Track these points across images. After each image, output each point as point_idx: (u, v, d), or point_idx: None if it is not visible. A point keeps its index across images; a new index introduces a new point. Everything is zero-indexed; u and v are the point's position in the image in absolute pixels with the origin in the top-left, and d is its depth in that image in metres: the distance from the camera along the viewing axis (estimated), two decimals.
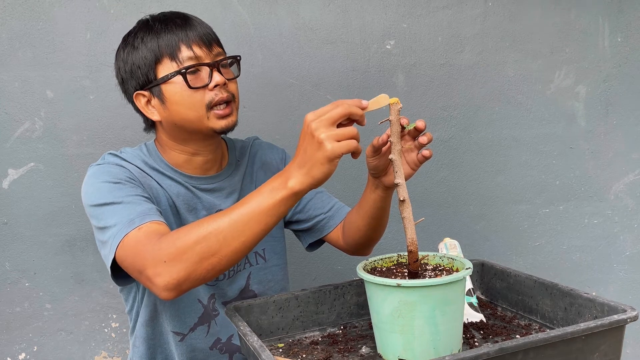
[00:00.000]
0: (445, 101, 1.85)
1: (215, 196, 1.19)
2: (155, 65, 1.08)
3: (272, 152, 1.33)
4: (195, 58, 1.07)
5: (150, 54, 1.07)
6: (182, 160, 1.16)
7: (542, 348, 0.83)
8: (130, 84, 1.12)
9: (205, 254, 0.88)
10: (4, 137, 1.52)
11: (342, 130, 0.86)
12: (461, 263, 0.95)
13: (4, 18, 1.49)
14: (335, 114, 0.86)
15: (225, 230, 0.88)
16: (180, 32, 1.07)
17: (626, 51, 1.99)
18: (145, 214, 0.98)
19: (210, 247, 0.88)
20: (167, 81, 1.07)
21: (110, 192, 1.02)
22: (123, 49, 1.12)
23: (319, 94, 1.75)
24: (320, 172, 0.86)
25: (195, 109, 1.07)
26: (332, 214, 1.31)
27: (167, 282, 0.89)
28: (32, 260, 1.56)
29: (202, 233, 0.88)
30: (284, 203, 0.88)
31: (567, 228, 2.01)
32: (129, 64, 1.10)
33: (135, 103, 1.12)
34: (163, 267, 0.88)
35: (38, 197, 1.55)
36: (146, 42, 1.08)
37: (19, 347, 1.58)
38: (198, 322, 1.20)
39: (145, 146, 1.19)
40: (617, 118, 2.01)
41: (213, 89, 1.07)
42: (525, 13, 1.89)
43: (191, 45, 1.07)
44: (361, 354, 0.98)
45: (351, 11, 1.75)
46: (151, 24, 1.10)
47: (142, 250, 0.92)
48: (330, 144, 0.85)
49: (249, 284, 1.25)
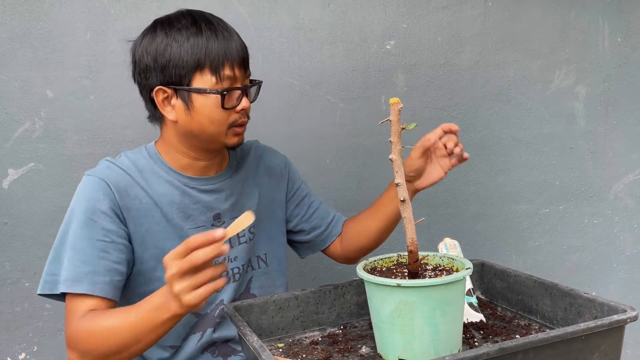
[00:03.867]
0: (445, 101, 1.85)
1: (214, 198, 1.19)
2: (194, 72, 1.06)
3: (277, 158, 1.34)
4: (233, 78, 1.08)
5: (193, 59, 1.05)
6: (184, 162, 1.16)
7: (542, 348, 0.83)
8: (155, 76, 1.08)
9: (108, 352, 0.98)
10: (4, 137, 1.52)
11: (196, 280, 0.85)
12: (461, 263, 0.95)
13: (4, 18, 1.49)
14: (184, 267, 0.84)
15: (126, 338, 0.96)
16: (226, 47, 1.06)
17: (626, 51, 1.99)
18: (92, 281, 1.03)
19: (112, 348, 0.97)
20: (203, 93, 1.07)
21: (80, 228, 1.06)
22: (161, 37, 1.07)
23: (319, 94, 1.75)
24: (190, 309, 0.88)
25: (218, 125, 1.09)
26: (334, 223, 1.38)
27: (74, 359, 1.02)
28: (32, 260, 1.56)
29: (110, 339, 0.97)
30: (173, 320, 0.93)
31: (567, 228, 2.01)
32: (165, 57, 1.06)
33: (154, 96, 1.09)
34: (72, 350, 1.01)
35: (38, 197, 1.55)
36: (192, 44, 1.05)
37: (19, 347, 1.58)
38: (191, 332, 1.19)
39: (146, 149, 1.18)
40: (617, 118, 2.01)
41: (239, 112, 1.11)
42: (525, 13, 1.89)
43: (234, 65, 1.07)
44: (361, 354, 0.98)
45: (351, 11, 1.75)
46: (200, 25, 1.07)
47: (68, 319, 1.03)
48: (185, 296, 0.85)
49: (249, 288, 1.25)
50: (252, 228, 1.24)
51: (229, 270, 1.21)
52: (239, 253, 1.22)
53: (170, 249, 1.13)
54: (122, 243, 1.09)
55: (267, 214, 1.28)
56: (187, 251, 0.84)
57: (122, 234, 1.09)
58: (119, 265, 1.08)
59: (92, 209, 1.07)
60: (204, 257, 0.83)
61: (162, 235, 1.13)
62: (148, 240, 1.12)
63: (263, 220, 1.28)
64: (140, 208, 1.12)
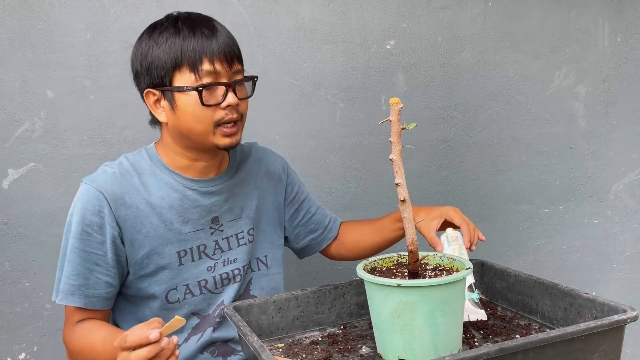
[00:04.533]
0: (445, 101, 1.85)
1: (213, 201, 1.19)
2: (174, 71, 1.07)
3: (276, 161, 1.34)
4: (214, 73, 1.06)
5: (170, 58, 1.06)
6: (183, 164, 1.16)
7: (542, 348, 0.83)
8: (144, 80, 1.11)
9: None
10: (4, 137, 1.52)
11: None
12: (461, 263, 0.95)
13: (4, 18, 1.49)
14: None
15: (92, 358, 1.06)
16: (205, 43, 1.05)
17: (626, 51, 1.99)
18: (84, 294, 1.09)
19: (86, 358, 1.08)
20: (182, 91, 1.07)
21: (75, 239, 1.09)
22: (145, 42, 1.10)
23: (319, 94, 1.75)
24: None
25: (203, 123, 1.08)
26: (330, 226, 1.40)
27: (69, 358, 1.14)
28: (32, 260, 1.56)
29: (82, 353, 1.08)
30: None
31: (567, 228, 2.01)
32: (148, 60, 1.08)
33: (145, 99, 1.12)
34: (65, 346, 1.13)
35: (38, 197, 1.55)
36: (170, 44, 1.06)
37: (19, 347, 1.58)
38: (192, 332, 1.20)
39: (146, 150, 1.19)
40: (617, 118, 2.01)
41: (225, 108, 1.08)
42: (525, 13, 1.89)
43: (213, 60, 1.06)
44: (361, 354, 0.98)
45: (351, 11, 1.75)
46: (179, 26, 1.07)
47: (65, 321, 1.14)
48: None
49: (249, 289, 1.25)
50: (250, 230, 1.25)
51: (229, 272, 1.21)
52: (239, 255, 1.22)
53: (169, 254, 1.14)
54: (115, 255, 1.11)
55: (266, 217, 1.29)
56: (129, 346, 0.85)
57: (115, 246, 1.10)
58: (111, 279, 1.11)
59: (86, 221, 1.09)
60: (142, 359, 0.84)
61: (160, 241, 1.14)
62: (147, 246, 1.13)
63: (262, 223, 1.28)
64: (138, 215, 1.12)
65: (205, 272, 1.18)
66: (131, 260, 1.13)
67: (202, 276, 1.18)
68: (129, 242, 1.12)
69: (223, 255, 1.20)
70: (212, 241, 1.19)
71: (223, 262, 1.20)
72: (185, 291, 1.17)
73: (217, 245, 1.19)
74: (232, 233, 1.22)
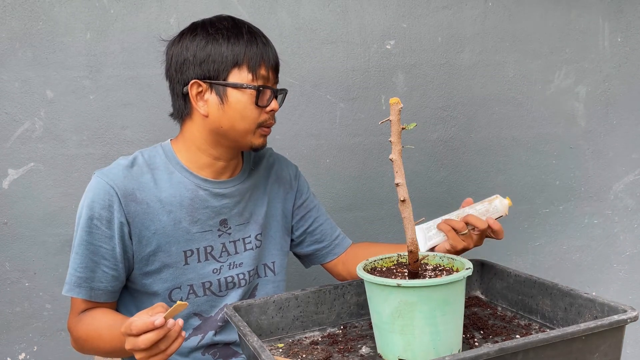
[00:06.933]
0: (445, 101, 1.85)
1: (224, 203, 1.19)
2: (232, 68, 1.10)
3: (288, 168, 1.34)
4: (267, 79, 1.13)
5: (232, 55, 1.09)
6: (202, 162, 1.16)
7: (542, 348, 0.83)
8: (192, 70, 1.11)
9: (88, 347, 1.14)
10: (4, 137, 1.52)
11: (151, 352, 0.90)
12: (461, 263, 0.95)
13: (4, 18, 1.49)
14: (135, 347, 0.89)
15: (98, 345, 1.10)
16: (264, 51, 1.12)
17: (626, 51, 1.99)
18: (89, 287, 1.12)
19: (92, 345, 1.12)
20: (239, 88, 1.09)
21: (83, 231, 1.11)
22: (201, 36, 1.11)
23: (319, 94, 1.75)
24: None
25: (248, 122, 1.12)
26: (338, 242, 1.38)
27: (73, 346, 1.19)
28: (32, 260, 1.56)
29: (88, 340, 1.11)
30: None
31: (567, 228, 2.01)
32: (205, 52, 1.10)
33: (189, 89, 1.11)
34: (70, 334, 1.17)
35: (38, 197, 1.55)
36: (232, 43, 1.10)
37: (19, 347, 1.58)
38: (192, 333, 1.20)
39: (161, 147, 1.19)
40: (617, 118, 2.01)
41: (269, 112, 1.14)
42: (525, 13, 1.89)
43: (269, 67, 1.13)
44: (361, 354, 0.98)
45: (351, 11, 1.75)
46: (240, 28, 1.12)
47: (70, 309, 1.17)
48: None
49: (255, 295, 1.26)
50: (258, 235, 1.25)
51: (234, 276, 1.21)
52: (245, 259, 1.22)
53: (175, 252, 1.14)
54: (122, 250, 1.11)
55: (275, 224, 1.29)
56: (135, 333, 0.88)
57: (123, 241, 1.11)
58: (117, 273, 1.12)
59: (95, 214, 1.10)
60: (149, 343, 0.87)
61: (168, 239, 1.14)
62: (154, 243, 1.13)
63: (271, 229, 1.28)
64: (148, 211, 1.12)
65: (211, 274, 1.19)
66: (137, 256, 1.13)
67: (207, 278, 1.18)
68: (136, 238, 1.12)
69: (229, 259, 1.20)
70: (220, 243, 1.19)
71: (229, 265, 1.20)
72: (189, 291, 1.17)
73: (224, 247, 1.20)
74: (240, 237, 1.22)
